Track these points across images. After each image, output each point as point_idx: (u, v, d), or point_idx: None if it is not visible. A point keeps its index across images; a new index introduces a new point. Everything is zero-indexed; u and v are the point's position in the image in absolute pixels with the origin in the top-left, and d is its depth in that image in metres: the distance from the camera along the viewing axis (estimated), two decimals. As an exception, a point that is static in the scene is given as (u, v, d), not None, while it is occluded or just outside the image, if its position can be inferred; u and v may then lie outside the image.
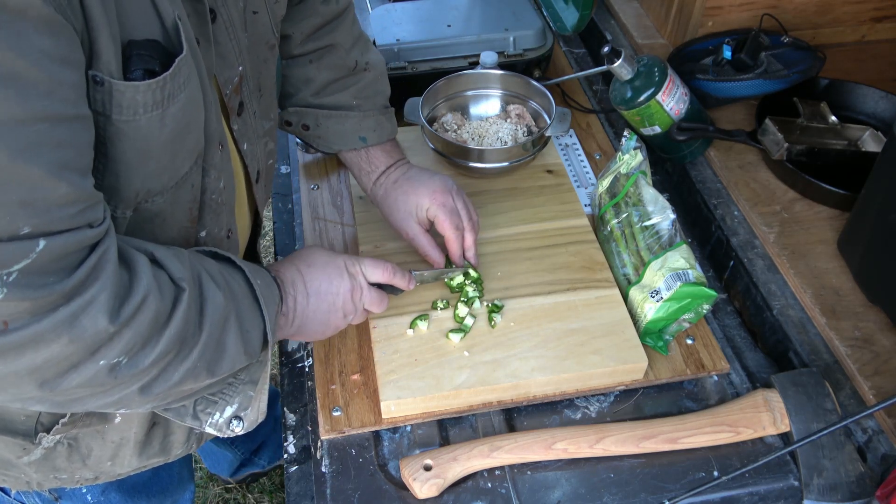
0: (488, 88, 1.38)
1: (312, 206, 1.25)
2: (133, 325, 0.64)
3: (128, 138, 0.64)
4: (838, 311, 1.06)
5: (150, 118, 0.64)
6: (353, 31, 1.10)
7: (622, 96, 1.25)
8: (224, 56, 0.79)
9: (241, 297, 0.77)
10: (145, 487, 1.17)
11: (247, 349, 0.77)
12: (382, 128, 1.12)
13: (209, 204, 0.80)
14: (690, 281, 1.00)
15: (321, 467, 0.94)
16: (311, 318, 0.90)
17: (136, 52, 0.62)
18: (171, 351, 0.68)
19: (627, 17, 1.61)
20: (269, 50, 0.90)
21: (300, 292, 0.88)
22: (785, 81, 1.31)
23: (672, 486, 0.92)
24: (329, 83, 1.09)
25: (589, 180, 1.31)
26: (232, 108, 0.83)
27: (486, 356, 0.99)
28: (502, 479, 0.92)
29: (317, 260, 0.91)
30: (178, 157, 0.71)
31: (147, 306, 0.65)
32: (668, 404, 1.01)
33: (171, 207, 0.75)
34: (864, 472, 0.92)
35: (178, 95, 0.66)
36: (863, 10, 1.48)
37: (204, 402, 0.83)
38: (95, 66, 0.60)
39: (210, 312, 0.72)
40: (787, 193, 1.24)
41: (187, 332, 0.70)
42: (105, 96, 0.61)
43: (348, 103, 1.10)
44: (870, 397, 0.97)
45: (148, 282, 0.66)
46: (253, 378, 0.84)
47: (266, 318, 0.79)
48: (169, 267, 0.70)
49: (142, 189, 0.69)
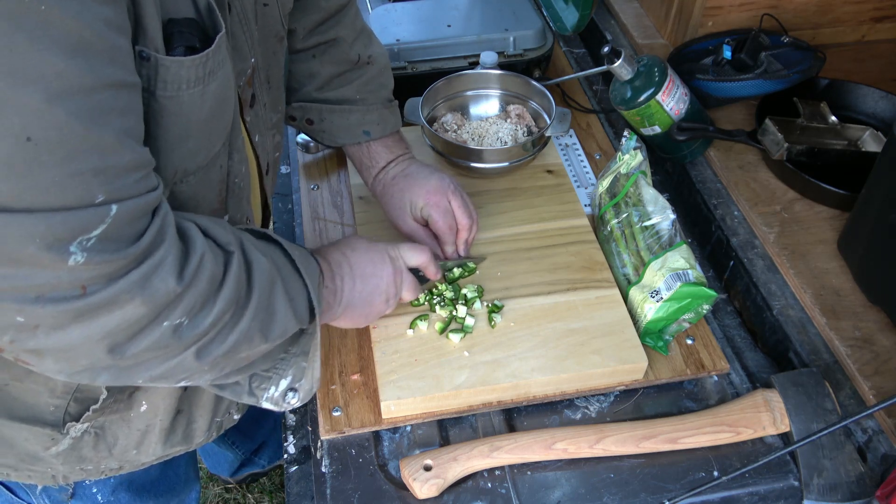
0: (488, 88, 1.38)
1: (312, 206, 1.25)
2: (194, 286, 0.66)
3: (170, 115, 0.66)
4: (838, 311, 1.06)
5: (192, 94, 0.66)
6: (355, 25, 1.10)
7: (622, 96, 1.25)
8: (238, 49, 0.79)
9: (282, 265, 0.79)
10: (153, 486, 1.17)
11: (296, 314, 0.79)
12: (386, 121, 1.12)
13: (233, 188, 0.82)
14: (690, 281, 1.00)
15: (321, 467, 0.94)
16: (358, 300, 0.92)
17: (178, 30, 0.64)
18: (227, 311, 0.70)
19: (627, 17, 1.61)
20: (278, 42, 0.91)
21: (347, 274, 0.91)
22: (785, 81, 1.31)
23: (672, 486, 0.92)
24: (333, 77, 1.10)
25: (589, 180, 1.31)
26: (245, 99, 0.84)
27: (486, 356, 0.99)
28: (502, 479, 0.92)
29: (359, 245, 0.94)
30: (212, 135, 0.73)
31: (204, 267, 0.67)
32: (668, 404, 1.01)
33: (203, 189, 0.77)
34: (864, 472, 0.92)
35: (217, 72, 0.68)
36: (863, 10, 1.48)
37: (259, 378, 0.85)
38: (142, 42, 0.61)
39: (258, 276, 0.74)
40: (787, 193, 1.24)
41: (240, 293, 0.72)
42: (150, 71, 0.62)
43: (352, 97, 1.10)
44: (870, 397, 0.97)
45: (202, 244, 0.68)
46: (304, 349, 0.85)
47: (309, 287, 0.80)
48: (215, 234, 0.72)
49: (179, 167, 0.71)
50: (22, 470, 0.92)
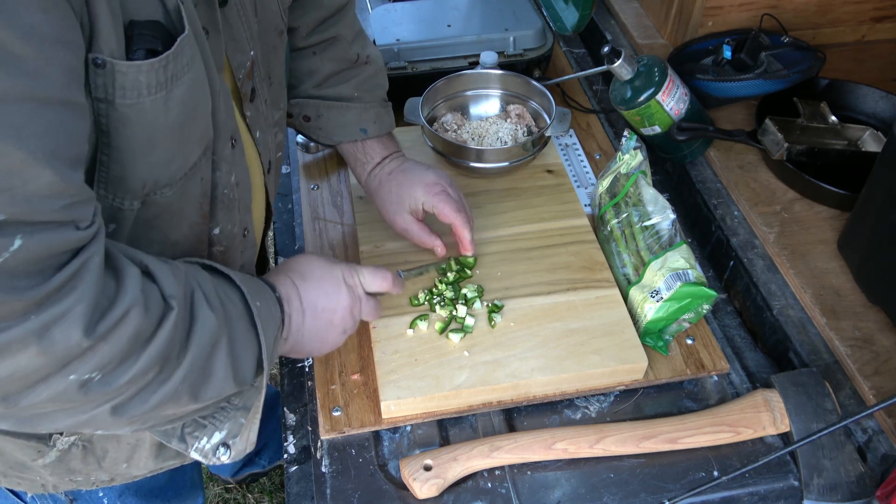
0: (488, 88, 1.38)
1: (312, 206, 1.25)
2: (111, 340, 0.60)
3: (132, 123, 0.62)
4: (838, 311, 1.06)
5: (155, 101, 0.62)
6: (354, 25, 1.11)
7: (622, 96, 1.25)
8: (236, 40, 0.78)
9: (237, 318, 0.73)
10: (161, 492, 1.16)
11: (237, 375, 0.73)
12: (382, 120, 1.12)
13: (221, 199, 0.78)
14: (690, 281, 1.00)
15: (321, 467, 0.94)
16: (307, 337, 0.86)
17: (138, 32, 0.60)
18: (150, 370, 0.64)
19: (627, 17, 1.61)
20: (278, 36, 0.89)
21: (295, 310, 0.84)
22: (785, 81, 1.31)
23: (672, 486, 0.92)
24: (332, 75, 1.10)
25: (589, 180, 1.31)
26: (245, 93, 0.82)
27: (486, 356, 0.99)
28: (502, 479, 0.92)
29: (312, 272, 0.87)
30: (185, 144, 0.69)
31: (129, 321, 0.61)
32: (668, 404, 1.01)
33: (181, 201, 0.72)
34: (864, 472, 0.92)
35: (182, 77, 0.64)
36: (863, 10, 1.48)
37: (193, 424, 0.80)
38: (96, 48, 0.58)
39: (198, 334, 0.68)
40: (787, 193, 1.24)
41: (171, 352, 0.66)
42: (107, 79, 0.59)
43: (350, 95, 1.10)
44: (870, 397, 0.97)
45: (133, 295, 0.62)
46: (247, 404, 0.80)
47: (262, 343, 0.74)
48: (161, 281, 0.66)
49: (149, 179, 0.67)
50: (11, 477, 0.90)
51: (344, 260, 1.15)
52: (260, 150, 0.88)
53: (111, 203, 0.66)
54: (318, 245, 1.18)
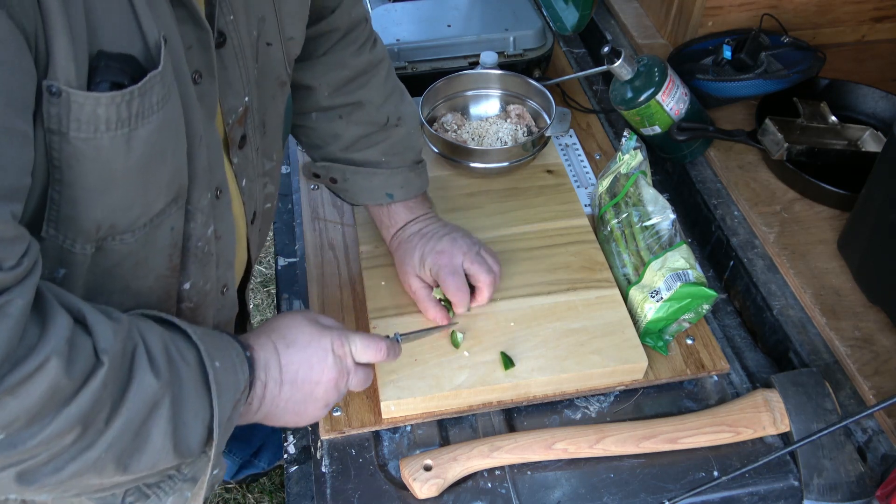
0: (488, 88, 1.38)
1: (312, 206, 1.25)
2: (20, 395, 0.53)
3: (87, 160, 0.57)
4: (838, 311, 1.06)
5: (114, 138, 0.57)
6: (386, 86, 1.05)
7: (622, 96, 1.25)
8: (230, 83, 0.74)
9: (187, 380, 0.66)
10: None
11: (178, 446, 0.65)
12: (410, 184, 1.06)
13: (194, 252, 0.72)
14: (690, 281, 1.00)
15: (321, 467, 0.94)
16: (283, 408, 0.79)
17: (105, 63, 0.56)
18: (67, 433, 0.57)
19: (627, 17, 1.61)
20: (279, 87, 0.85)
21: (272, 378, 0.76)
22: (785, 81, 1.31)
23: (672, 486, 0.92)
24: (358, 139, 1.04)
25: (589, 180, 1.31)
26: (233, 139, 0.77)
27: (486, 356, 0.99)
28: (502, 479, 0.92)
29: (298, 338, 0.79)
30: (149, 190, 0.63)
31: (44, 375, 0.54)
32: (668, 404, 1.01)
33: (145, 250, 0.67)
34: (864, 472, 0.92)
35: (149, 116, 0.59)
36: (863, 10, 1.48)
37: (136, 493, 0.72)
38: (51, 75, 0.53)
39: (133, 396, 0.60)
40: (787, 193, 1.24)
41: (96, 414, 0.58)
42: (62, 109, 0.54)
43: (377, 160, 1.04)
44: (870, 397, 0.97)
45: (55, 346, 0.54)
46: (195, 475, 0.72)
47: (215, 411, 0.67)
48: (97, 334, 0.59)
49: (104, 222, 0.61)
50: None
51: (346, 260, 1.16)
52: (244, 200, 0.83)
53: (61, 244, 0.62)
54: (318, 245, 1.18)
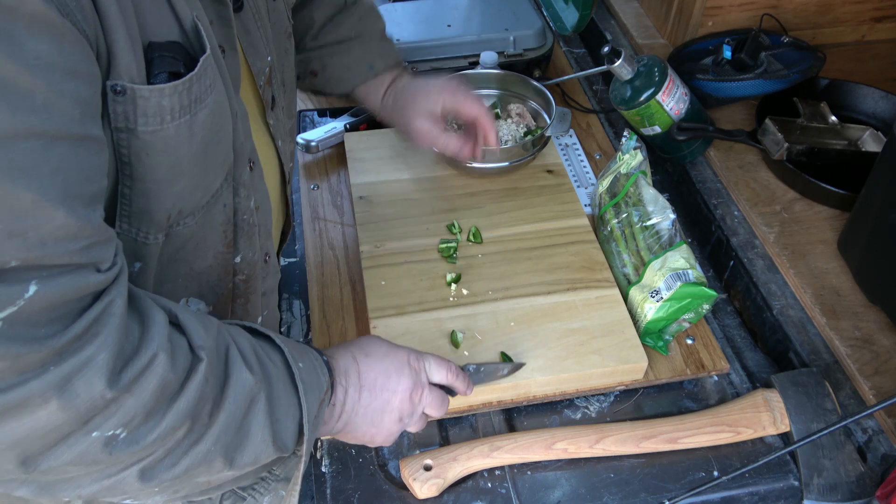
0: (488, 88, 1.38)
1: (312, 206, 1.25)
2: (136, 392, 0.55)
3: (156, 151, 0.59)
4: (838, 311, 1.06)
5: (179, 126, 0.59)
6: None
7: (622, 96, 1.25)
8: (255, 46, 0.75)
9: (276, 379, 0.68)
10: None
11: (276, 440, 0.67)
12: (388, 54, 1.12)
13: (241, 226, 0.74)
14: (690, 281, 1.00)
15: (321, 467, 0.94)
16: (362, 416, 0.79)
17: (159, 55, 0.57)
18: (179, 427, 0.59)
19: (627, 17, 1.61)
20: (287, 39, 0.88)
21: (352, 384, 0.78)
22: (785, 81, 1.31)
23: (672, 486, 0.92)
24: (325, 22, 1.09)
25: (589, 180, 1.31)
26: (266, 101, 0.79)
27: (486, 356, 0.99)
28: (502, 479, 0.92)
29: (376, 350, 0.81)
30: (209, 170, 0.65)
31: (153, 370, 0.56)
32: (668, 404, 1.01)
33: (204, 230, 0.69)
34: (864, 472, 0.92)
35: (205, 99, 0.61)
36: (863, 10, 1.48)
37: (232, 496, 0.75)
38: (114, 75, 0.55)
39: (233, 391, 0.63)
40: (787, 193, 1.24)
41: (201, 408, 0.60)
42: (128, 106, 0.56)
43: (348, 35, 1.10)
44: (870, 397, 0.97)
45: (160, 342, 0.57)
46: (287, 474, 0.75)
47: (304, 406, 0.69)
48: (190, 332, 0.61)
49: (174, 209, 0.64)
50: None
51: (346, 260, 1.16)
52: (282, 160, 0.86)
53: (135, 238, 0.63)
54: (318, 245, 1.18)
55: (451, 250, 1.12)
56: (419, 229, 1.16)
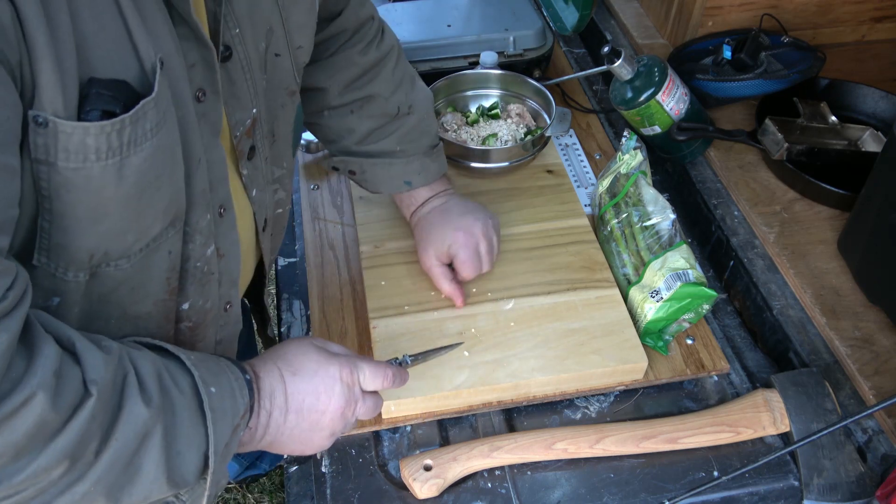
0: (488, 88, 1.38)
1: (312, 206, 1.25)
2: (4, 431, 0.51)
3: (77, 189, 0.56)
4: (838, 311, 1.06)
5: (105, 167, 0.56)
6: (394, 76, 1.06)
7: (622, 96, 1.25)
8: (238, 97, 0.73)
9: (181, 408, 0.64)
10: None
11: (171, 475, 0.63)
12: (427, 170, 1.08)
13: (193, 273, 0.71)
14: (690, 281, 1.00)
15: (321, 467, 0.94)
16: (288, 437, 0.76)
17: (96, 91, 0.54)
18: (55, 467, 0.55)
19: (627, 17, 1.61)
20: (288, 96, 0.85)
21: (277, 406, 0.74)
22: (785, 81, 1.31)
23: (672, 486, 0.92)
24: (371, 132, 1.05)
25: (589, 180, 1.31)
26: (241, 151, 0.77)
27: (486, 356, 0.99)
28: (502, 479, 0.92)
29: (305, 366, 0.77)
30: (144, 216, 0.62)
31: (30, 409, 0.52)
32: (668, 404, 1.01)
33: (142, 276, 0.65)
34: (864, 472, 0.92)
35: (142, 143, 0.57)
36: (863, 10, 1.48)
37: None
38: (37, 105, 0.52)
39: (123, 427, 0.59)
40: (787, 193, 1.24)
41: (85, 447, 0.57)
42: (49, 139, 0.53)
43: (392, 149, 1.06)
44: (870, 397, 0.97)
45: (41, 379, 0.53)
46: (194, 502, 0.70)
47: (210, 438, 0.65)
48: (86, 363, 0.57)
49: (97, 250, 0.60)
50: None
51: (346, 260, 1.16)
52: (255, 210, 0.83)
53: (53, 273, 0.60)
54: (318, 245, 1.18)
55: None
56: (419, 229, 1.16)
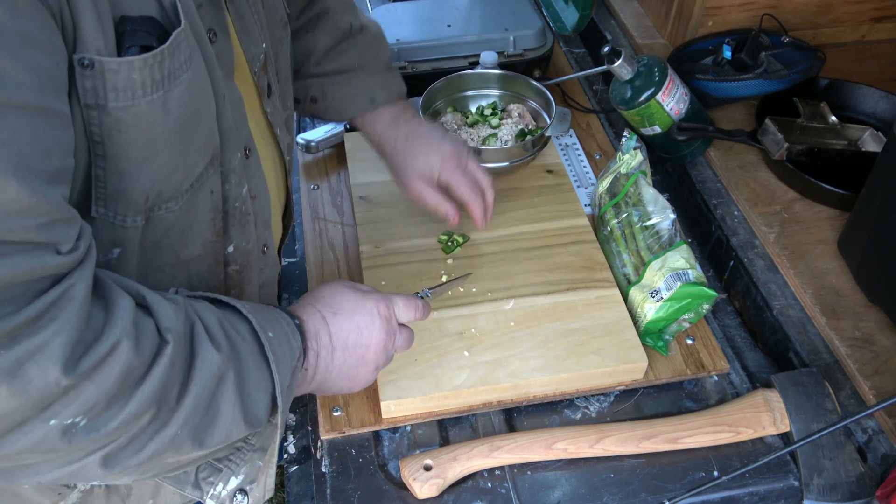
0: (488, 88, 1.38)
1: (312, 206, 1.25)
2: (96, 379, 0.53)
3: (129, 128, 0.57)
4: (838, 311, 1.06)
5: (152, 102, 0.57)
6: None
7: (622, 96, 1.25)
8: (249, 32, 0.74)
9: (245, 353, 0.66)
10: None
11: (247, 416, 0.65)
12: (389, 85, 1.09)
13: (233, 214, 0.72)
14: (690, 281, 1.00)
15: (321, 467, 0.94)
16: (337, 375, 0.78)
17: (131, 28, 0.55)
18: (143, 413, 0.57)
19: (627, 17, 1.61)
20: (283, 28, 0.86)
21: (324, 346, 0.76)
22: (785, 81, 1.31)
23: (672, 486, 0.92)
24: (328, 49, 1.06)
25: (589, 180, 1.31)
26: (262, 88, 0.78)
27: (486, 356, 0.99)
28: (502, 479, 0.92)
29: (344, 304, 0.78)
30: (189, 152, 0.63)
31: (116, 357, 0.54)
32: (668, 404, 1.01)
33: (190, 216, 0.67)
34: (864, 472, 0.92)
35: (180, 76, 0.59)
36: (863, 10, 1.48)
37: (208, 468, 0.73)
38: (80, 48, 0.53)
39: (200, 372, 0.61)
40: (787, 193, 1.24)
41: (167, 392, 0.59)
42: (97, 81, 0.54)
43: (351, 65, 1.06)
44: (870, 397, 0.97)
45: (123, 328, 0.55)
46: (264, 444, 0.73)
47: (276, 378, 0.67)
48: (158, 313, 0.59)
49: (152, 191, 0.62)
50: None
51: (346, 260, 1.16)
52: (283, 149, 0.84)
53: (112, 222, 0.62)
54: (318, 245, 1.18)
55: (451, 243, 1.14)
56: (419, 229, 1.16)
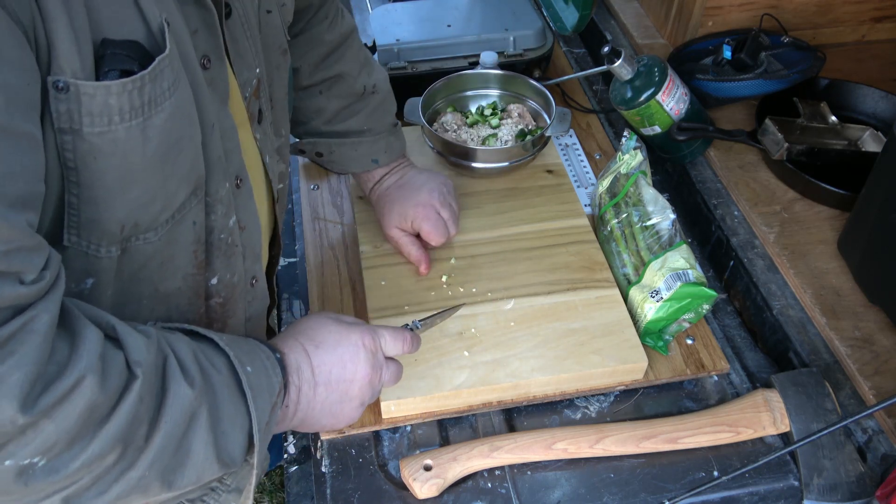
0: (488, 88, 1.38)
1: (312, 206, 1.25)
2: (57, 417, 0.50)
3: (104, 155, 0.54)
4: (838, 311, 1.06)
5: (130, 129, 0.55)
6: (358, 57, 1.09)
7: (622, 96, 1.25)
8: (242, 55, 0.73)
9: (221, 388, 0.63)
10: None
11: (221, 455, 0.62)
12: (392, 148, 1.13)
13: (218, 246, 0.70)
14: (690, 281, 1.00)
15: (321, 467, 0.94)
16: (320, 411, 0.76)
17: (111, 51, 0.53)
18: (108, 453, 0.54)
19: (627, 17, 1.61)
20: (281, 55, 0.85)
21: (306, 381, 0.74)
22: (785, 81, 1.31)
23: (672, 486, 0.92)
24: (339, 111, 1.09)
25: (589, 180, 1.31)
26: (252, 114, 0.76)
27: (486, 356, 0.99)
28: (502, 479, 0.92)
29: (327, 338, 0.76)
30: (169, 182, 0.60)
31: (80, 393, 0.51)
32: (668, 404, 1.01)
33: (169, 249, 0.65)
34: (864, 472, 0.92)
35: (162, 103, 0.56)
36: (863, 10, 1.48)
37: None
38: (55, 70, 0.51)
39: (170, 409, 0.58)
40: (787, 193, 1.24)
41: (135, 430, 0.55)
42: (72, 104, 0.52)
43: (359, 129, 1.10)
44: (870, 397, 0.97)
45: (88, 362, 0.52)
46: (239, 485, 0.70)
47: (253, 415, 0.64)
48: (128, 346, 0.56)
49: (127, 221, 0.59)
50: None
51: (346, 260, 1.16)
52: (270, 178, 0.82)
53: (85, 251, 0.59)
54: (318, 245, 1.18)
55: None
56: (419, 229, 1.16)
